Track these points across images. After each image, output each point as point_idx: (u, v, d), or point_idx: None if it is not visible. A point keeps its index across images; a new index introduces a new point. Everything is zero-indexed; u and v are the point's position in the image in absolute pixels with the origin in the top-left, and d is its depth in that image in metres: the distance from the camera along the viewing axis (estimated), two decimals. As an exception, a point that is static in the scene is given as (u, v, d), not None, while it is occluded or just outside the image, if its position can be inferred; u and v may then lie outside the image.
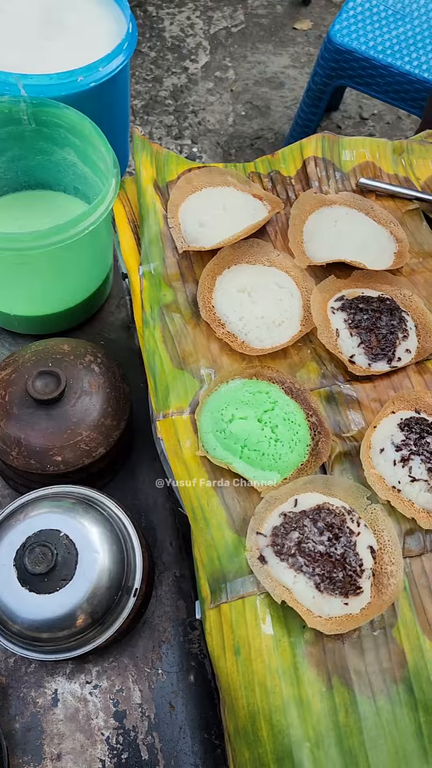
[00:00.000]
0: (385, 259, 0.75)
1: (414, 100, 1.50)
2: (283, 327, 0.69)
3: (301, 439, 0.63)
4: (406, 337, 0.69)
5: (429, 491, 0.61)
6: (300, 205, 0.77)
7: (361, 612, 0.55)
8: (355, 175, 0.82)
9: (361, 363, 0.67)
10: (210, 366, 0.67)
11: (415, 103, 1.50)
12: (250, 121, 1.97)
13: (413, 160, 0.85)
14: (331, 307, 0.71)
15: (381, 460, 0.62)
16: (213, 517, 0.59)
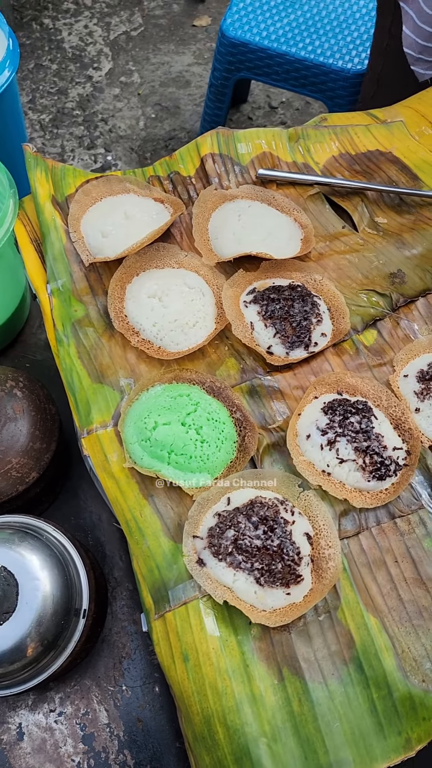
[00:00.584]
0: (293, 247, 0.75)
1: (314, 84, 1.52)
2: (197, 327, 0.69)
3: (227, 437, 0.63)
4: (320, 321, 0.70)
5: (358, 470, 0.61)
6: (201, 204, 0.77)
7: (304, 599, 0.55)
8: (253, 167, 0.83)
9: (279, 353, 0.68)
10: (129, 376, 0.67)
11: (315, 87, 1.52)
12: (161, 123, 1.96)
13: (310, 145, 0.86)
14: (243, 301, 0.71)
15: (308, 446, 0.63)
16: (147, 527, 0.59)
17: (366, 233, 0.79)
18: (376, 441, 0.62)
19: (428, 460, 0.64)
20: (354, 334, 0.71)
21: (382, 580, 0.58)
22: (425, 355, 0.69)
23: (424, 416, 0.66)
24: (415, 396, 0.66)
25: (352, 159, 0.85)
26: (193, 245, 0.76)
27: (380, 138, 0.88)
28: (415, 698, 0.53)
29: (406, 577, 0.58)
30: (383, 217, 0.81)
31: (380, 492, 0.61)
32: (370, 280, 0.75)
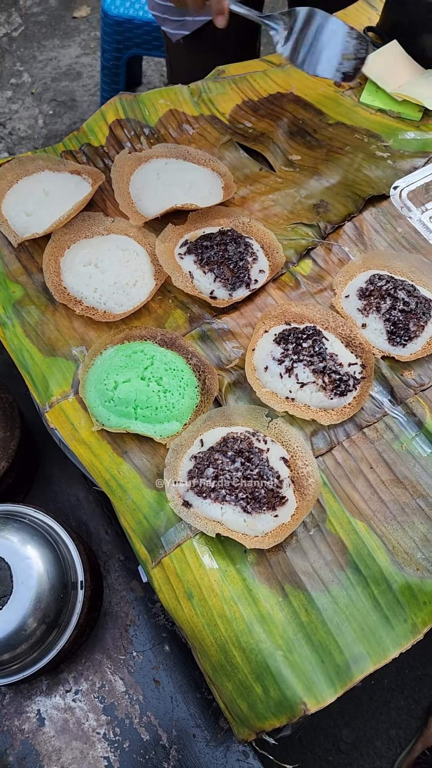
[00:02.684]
0: (215, 195, 0.76)
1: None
2: (138, 286, 0.69)
3: (188, 383, 0.64)
4: (256, 259, 0.71)
5: (319, 391, 0.63)
6: (118, 168, 0.77)
7: (292, 518, 0.57)
8: (163, 126, 0.83)
9: (222, 296, 0.69)
10: (80, 344, 0.67)
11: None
12: (60, 118, 1.94)
13: (213, 98, 0.87)
14: (178, 253, 0.71)
15: (268, 378, 0.64)
16: (128, 482, 0.59)
17: (283, 172, 0.81)
18: (331, 360, 0.64)
19: (383, 370, 0.66)
20: (291, 266, 0.73)
21: (361, 486, 0.60)
22: (361, 274, 0.72)
23: (371, 330, 0.68)
24: (360, 313, 0.69)
25: (255, 104, 0.87)
26: (118, 210, 0.76)
27: (279, 81, 0.90)
28: (413, 586, 0.55)
29: (384, 479, 0.60)
30: (296, 154, 0.83)
31: (344, 407, 0.63)
32: (296, 214, 0.77)
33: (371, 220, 0.77)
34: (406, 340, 0.67)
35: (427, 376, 0.66)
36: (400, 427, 0.63)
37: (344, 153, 0.83)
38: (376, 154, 0.82)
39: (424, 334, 0.68)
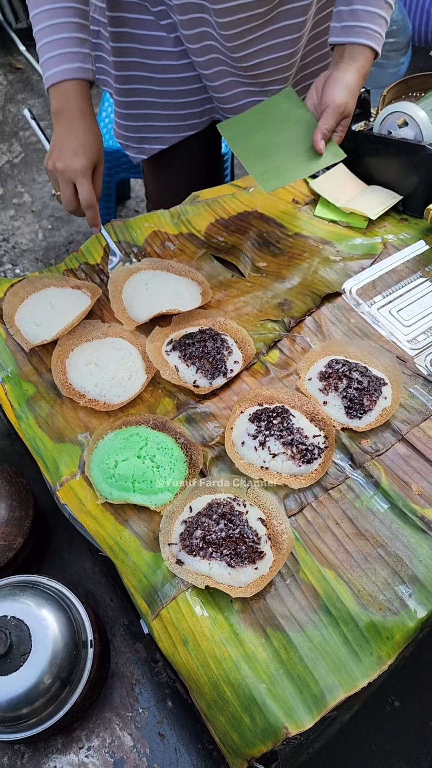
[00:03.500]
0: (195, 301, 0.90)
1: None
2: (132, 380, 0.82)
3: (177, 459, 0.75)
4: (231, 352, 0.84)
5: (289, 459, 0.74)
6: (113, 281, 0.91)
7: (270, 570, 0.67)
8: (149, 245, 0.99)
9: (204, 384, 0.81)
10: (84, 431, 0.78)
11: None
12: (58, 231, 2.15)
13: (190, 218, 1.03)
14: (164, 350, 0.84)
15: (245, 451, 0.75)
16: (128, 546, 0.69)
17: (252, 277, 0.96)
18: (298, 434, 0.76)
19: (343, 440, 0.78)
20: (261, 356, 0.86)
21: (329, 540, 0.70)
22: (321, 360, 0.84)
23: (331, 406, 0.80)
24: (321, 392, 0.81)
25: (226, 222, 1.03)
26: (113, 317, 0.90)
27: (245, 201, 1.06)
28: (377, 624, 0.64)
29: (348, 533, 0.71)
30: (263, 262, 0.97)
31: (311, 473, 0.74)
32: (264, 312, 0.90)
33: (328, 314, 0.91)
34: (362, 414, 0.79)
35: (381, 442, 0.78)
36: (360, 487, 0.74)
37: (303, 259, 0.98)
38: (330, 258, 0.97)
39: (376, 407, 0.79)
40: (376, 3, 0.91)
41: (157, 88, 1.07)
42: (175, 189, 1.09)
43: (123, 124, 1.14)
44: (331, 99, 0.88)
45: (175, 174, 1.15)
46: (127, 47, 1.02)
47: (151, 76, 1.05)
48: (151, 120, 1.12)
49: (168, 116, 1.11)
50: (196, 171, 1.20)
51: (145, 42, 1.00)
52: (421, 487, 0.74)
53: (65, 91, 0.85)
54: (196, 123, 1.14)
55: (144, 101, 1.09)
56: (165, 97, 1.08)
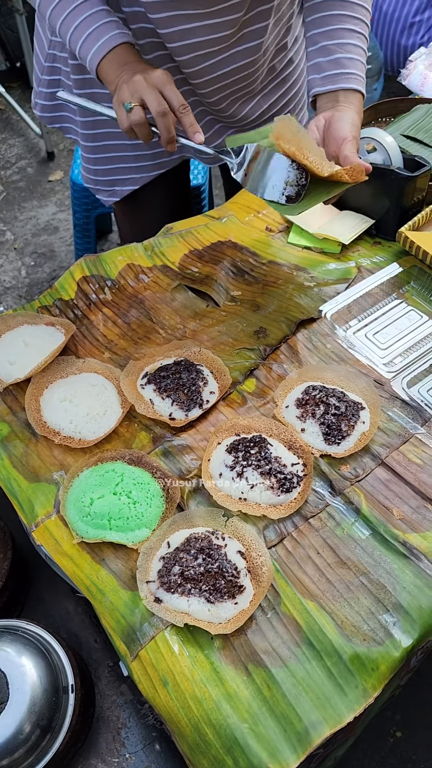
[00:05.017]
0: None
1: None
2: (107, 415, 0.81)
3: (154, 494, 0.74)
4: (206, 383, 0.83)
5: (268, 489, 0.73)
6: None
7: (250, 604, 0.65)
8: (122, 278, 0.99)
9: (180, 416, 0.81)
10: (60, 469, 0.77)
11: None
12: (41, 268, 2.16)
13: (164, 251, 1.03)
14: (140, 384, 0.84)
15: (223, 483, 0.74)
16: (105, 586, 0.68)
17: (227, 306, 0.96)
18: (276, 463, 0.75)
19: (322, 467, 0.77)
20: (238, 385, 0.85)
21: (311, 570, 0.69)
22: (298, 386, 0.84)
23: (309, 433, 0.79)
24: (298, 420, 0.80)
25: (200, 252, 1.03)
26: (87, 352, 0.89)
27: (219, 231, 1.07)
28: (361, 656, 0.63)
29: (330, 562, 0.69)
30: (237, 290, 0.98)
31: (290, 502, 0.73)
32: (240, 341, 0.90)
33: (304, 340, 0.90)
34: (340, 439, 0.78)
35: (361, 467, 0.77)
36: (341, 515, 0.73)
37: (278, 286, 0.98)
38: (304, 284, 0.98)
39: (355, 432, 0.79)
40: (357, 51, 0.93)
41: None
42: (149, 227, 1.10)
43: (92, 169, 1.16)
44: (343, 134, 0.88)
45: (147, 212, 1.16)
46: (92, 93, 1.03)
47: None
48: (121, 162, 1.13)
49: (138, 157, 1.13)
50: (168, 206, 1.21)
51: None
52: (402, 512, 0.73)
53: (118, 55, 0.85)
54: (166, 161, 1.16)
55: (113, 144, 1.11)
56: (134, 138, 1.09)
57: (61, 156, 2.64)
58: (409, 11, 2.46)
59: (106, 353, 0.90)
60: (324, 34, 0.94)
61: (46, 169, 2.59)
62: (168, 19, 0.89)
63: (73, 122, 1.14)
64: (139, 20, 0.92)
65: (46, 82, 1.11)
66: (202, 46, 0.93)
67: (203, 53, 0.94)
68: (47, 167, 2.59)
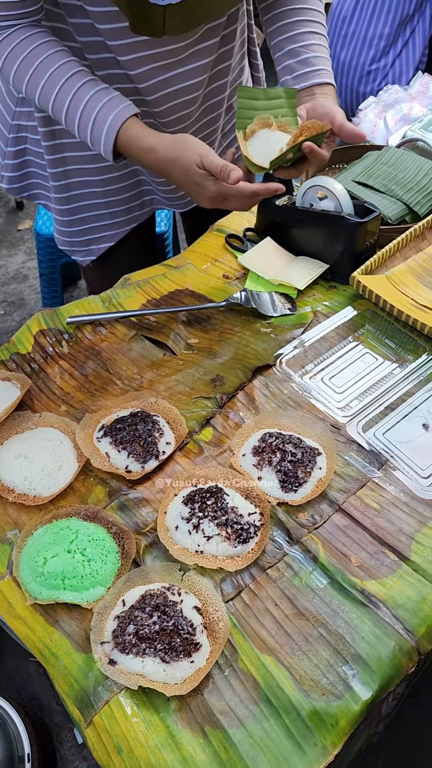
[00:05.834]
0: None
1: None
2: (63, 470, 0.80)
3: (109, 550, 0.73)
4: (162, 433, 0.83)
5: (224, 540, 0.72)
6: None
7: (207, 662, 0.64)
8: (80, 330, 0.99)
9: (136, 469, 0.80)
10: (13, 528, 0.76)
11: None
12: (11, 316, 2.16)
13: (121, 301, 1.04)
14: (96, 437, 0.83)
15: (179, 536, 0.73)
16: (59, 649, 0.66)
17: (184, 355, 0.96)
18: (232, 513, 0.74)
19: (279, 515, 0.76)
20: (194, 435, 0.85)
21: (268, 623, 0.68)
22: (254, 434, 0.84)
23: (266, 481, 0.79)
24: (255, 468, 0.80)
25: (158, 301, 1.04)
26: (44, 406, 0.89)
27: (176, 280, 1.08)
28: (320, 711, 0.61)
29: (288, 614, 0.68)
30: (194, 338, 0.98)
31: (248, 553, 0.73)
32: (197, 390, 0.90)
33: (260, 386, 0.91)
34: (297, 486, 0.78)
35: (318, 514, 0.77)
36: (299, 564, 0.72)
37: (234, 333, 0.99)
38: (260, 331, 0.99)
39: (311, 478, 0.79)
40: (321, 50, 1.02)
41: (99, 189, 1.12)
42: (118, 279, 1.11)
43: (67, 231, 1.18)
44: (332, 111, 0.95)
45: (119, 265, 1.18)
46: (63, 157, 1.07)
47: (92, 179, 1.11)
48: (96, 221, 1.17)
49: (112, 213, 1.17)
50: (138, 257, 1.24)
51: (81, 149, 1.06)
52: (360, 559, 0.73)
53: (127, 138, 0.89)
54: (138, 215, 1.20)
55: (86, 204, 1.14)
56: (108, 197, 1.14)
57: (30, 205, 2.67)
58: (365, 60, 2.56)
59: (63, 406, 0.90)
60: (288, 39, 1.02)
61: (15, 219, 2.61)
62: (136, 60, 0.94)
63: (43, 188, 1.17)
64: (98, 50, 0.95)
65: (12, 153, 1.13)
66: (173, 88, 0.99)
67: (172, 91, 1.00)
68: (16, 216, 2.62)
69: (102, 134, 0.89)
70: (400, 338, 0.97)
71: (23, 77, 0.90)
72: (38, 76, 0.89)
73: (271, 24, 1.04)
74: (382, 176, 1.19)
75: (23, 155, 1.13)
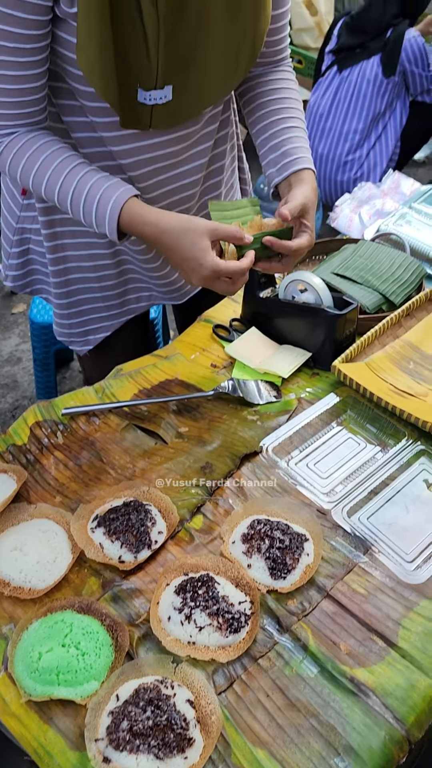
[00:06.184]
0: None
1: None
2: (58, 561, 0.82)
3: (103, 643, 0.74)
4: (155, 522, 0.86)
5: (216, 631, 0.74)
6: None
7: (200, 757, 0.64)
8: (74, 421, 1.03)
9: (129, 559, 0.82)
10: (9, 622, 0.77)
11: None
12: (4, 398, 2.21)
13: (114, 391, 1.08)
14: (90, 528, 0.86)
15: (171, 627, 0.75)
16: (53, 747, 0.67)
17: (174, 443, 1.00)
18: (223, 602, 0.76)
19: (269, 603, 0.78)
20: (185, 523, 0.88)
21: (260, 716, 0.69)
22: (243, 521, 0.87)
23: (255, 569, 0.81)
24: (244, 555, 0.82)
25: (149, 391, 1.09)
26: (39, 497, 0.91)
27: (166, 370, 1.13)
28: (314, 806, 0.62)
29: (279, 705, 0.70)
30: (184, 427, 1.02)
31: (239, 642, 0.74)
32: (187, 477, 0.94)
33: (248, 473, 0.94)
34: (286, 574, 0.80)
35: (307, 601, 0.79)
36: (289, 653, 0.74)
37: (222, 421, 1.03)
38: (247, 418, 1.03)
39: (300, 564, 0.81)
40: (299, 140, 1.10)
41: (96, 284, 1.21)
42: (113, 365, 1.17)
43: (66, 323, 1.27)
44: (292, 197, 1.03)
45: (116, 354, 1.25)
46: (64, 256, 1.17)
47: (89, 276, 1.20)
48: (93, 312, 1.26)
49: (108, 306, 1.25)
50: (133, 346, 1.31)
51: (80, 248, 1.16)
52: (349, 646, 0.74)
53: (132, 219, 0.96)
54: (134, 308, 1.29)
55: (85, 298, 1.23)
56: (104, 291, 1.23)
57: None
58: (342, 151, 2.74)
59: (58, 497, 0.92)
60: (271, 136, 1.11)
61: (9, 303, 2.70)
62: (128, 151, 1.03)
63: (44, 283, 1.26)
64: (93, 145, 1.04)
65: (16, 254, 1.23)
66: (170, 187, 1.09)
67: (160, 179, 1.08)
68: (10, 301, 2.70)
69: (106, 214, 0.96)
70: (380, 423, 1.02)
71: (30, 173, 0.98)
72: (43, 170, 0.97)
73: (255, 125, 1.15)
74: (359, 268, 1.26)
75: (26, 254, 1.23)
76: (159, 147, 1.03)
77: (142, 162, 1.04)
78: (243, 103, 1.18)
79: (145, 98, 0.93)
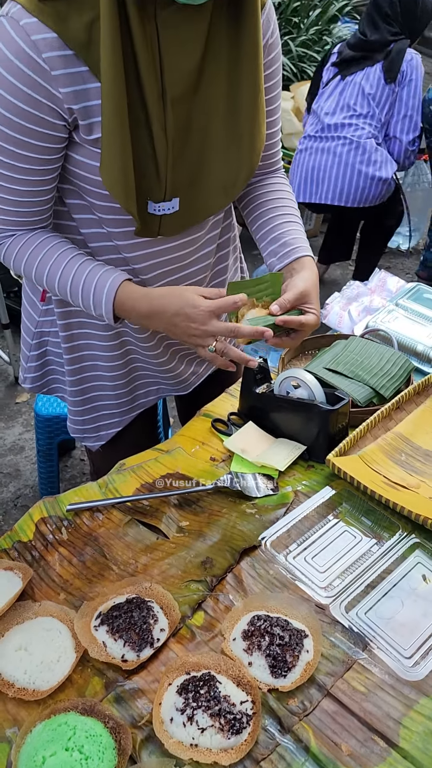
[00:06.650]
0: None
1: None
2: (61, 661, 0.83)
3: (106, 746, 0.74)
4: (157, 620, 0.88)
5: (218, 733, 0.75)
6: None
7: None
8: (78, 517, 1.06)
9: (131, 657, 0.84)
10: (13, 725, 0.78)
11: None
12: (6, 487, 2.23)
13: (117, 486, 1.12)
14: (93, 626, 0.87)
15: (174, 728, 0.76)
16: None
17: (175, 538, 1.03)
18: (225, 702, 0.77)
19: (270, 702, 0.79)
20: (187, 620, 0.90)
21: None
22: (244, 617, 0.89)
23: (256, 666, 0.82)
24: (245, 653, 0.84)
25: (151, 485, 1.12)
26: (43, 594, 0.93)
27: (167, 464, 1.17)
28: None
29: (282, 810, 0.69)
30: (185, 521, 1.05)
31: (241, 744, 0.75)
32: (188, 573, 0.96)
33: (247, 567, 0.97)
34: (286, 672, 0.81)
35: (308, 700, 0.80)
36: (291, 755, 0.74)
37: (222, 514, 1.06)
38: (246, 512, 1.06)
39: (300, 662, 0.82)
40: (297, 231, 1.19)
41: (109, 383, 1.29)
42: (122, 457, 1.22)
43: (80, 420, 1.34)
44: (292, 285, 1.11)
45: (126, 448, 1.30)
46: (81, 355, 1.25)
47: (102, 374, 1.28)
48: (105, 409, 1.33)
49: (119, 403, 1.33)
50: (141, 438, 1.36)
51: (96, 349, 1.25)
52: (350, 747, 0.75)
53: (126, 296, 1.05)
54: (144, 402, 1.37)
55: (98, 395, 1.31)
56: (116, 390, 1.31)
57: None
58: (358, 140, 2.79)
59: (62, 594, 0.94)
60: (270, 230, 1.21)
61: (13, 392, 2.76)
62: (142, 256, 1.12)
63: (60, 383, 1.34)
64: (100, 239, 1.12)
65: (34, 356, 1.32)
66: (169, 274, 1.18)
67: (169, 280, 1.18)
68: (15, 390, 2.77)
69: (102, 297, 1.05)
70: (375, 516, 1.05)
71: (33, 265, 1.08)
72: (45, 262, 1.07)
73: (255, 222, 1.25)
74: (350, 363, 1.33)
75: (44, 356, 1.32)
76: (167, 252, 1.14)
77: (153, 266, 1.14)
78: (242, 207, 1.30)
79: (155, 209, 1.04)
